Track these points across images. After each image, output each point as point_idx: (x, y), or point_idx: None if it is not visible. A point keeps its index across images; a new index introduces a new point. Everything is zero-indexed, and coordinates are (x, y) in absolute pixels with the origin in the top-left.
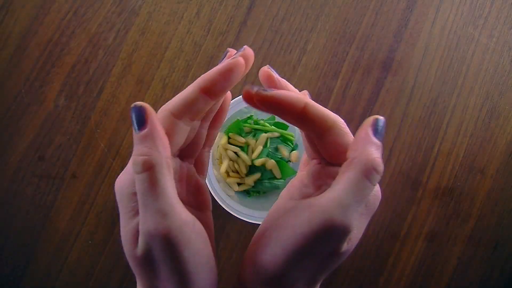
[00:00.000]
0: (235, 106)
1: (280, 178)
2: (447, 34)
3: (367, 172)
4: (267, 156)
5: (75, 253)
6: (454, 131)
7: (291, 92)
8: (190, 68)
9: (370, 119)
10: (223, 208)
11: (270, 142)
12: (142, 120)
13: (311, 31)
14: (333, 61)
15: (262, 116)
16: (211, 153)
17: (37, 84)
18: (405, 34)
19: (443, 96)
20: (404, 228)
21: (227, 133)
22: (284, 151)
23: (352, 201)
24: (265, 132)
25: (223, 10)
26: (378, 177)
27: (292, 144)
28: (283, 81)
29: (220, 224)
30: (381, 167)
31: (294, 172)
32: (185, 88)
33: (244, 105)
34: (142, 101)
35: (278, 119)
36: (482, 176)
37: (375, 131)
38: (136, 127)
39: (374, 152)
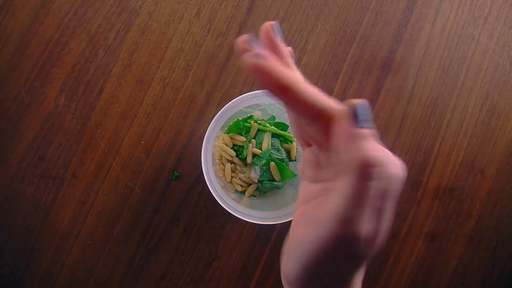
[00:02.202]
0: (235, 106)
1: (280, 181)
2: (447, 34)
3: (360, 174)
4: (269, 157)
5: (75, 253)
6: (454, 131)
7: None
8: (190, 68)
9: (346, 109)
10: (224, 208)
11: (270, 143)
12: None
13: (311, 31)
14: (333, 61)
15: (262, 116)
16: (211, 153)
17: (37, 84)
18: (405, 34)
19: (443, 96)
20: (404, 228)
21: (227, 133)
22: (288, 148)
23: (353, 210)
24: (266, 132)
25: (223, 10)
26: (377, 170)
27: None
28: (285, 50)
29: (221, 224)
30: (377, 157)
31: (294, 175)
32: (185, 88)
33: (244, 105)
34: (142, 101)
35: (278, 119)
36: (482, 176)
37: (357, 120)
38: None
39: (361, 147)
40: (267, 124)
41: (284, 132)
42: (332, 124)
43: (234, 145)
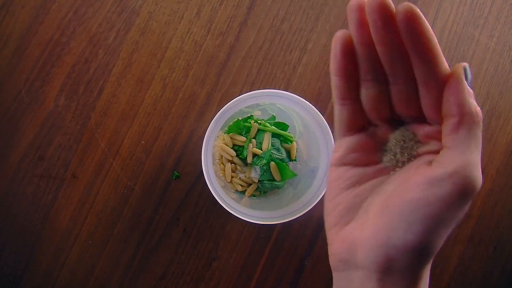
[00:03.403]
0: (236, 106)
1: (280, 181)
2: (447, 34)
3: (476, 126)
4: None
5: (75, 253)
6: None
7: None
8: (190, 68)
9: (459, 69)
10: (224, 208)
11: (270, 143)
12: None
13: (311, 31)
14: None
15: (262, 116)
16: (211, 153)
17: (37, 84)
18: None
19: None
20: None
21: (228, 132)
22: (288, 147)
23: (478, 158)
24: (266, 132)
25: (223, 10)
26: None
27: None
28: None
29: (221, 223)
30: (481, 116)
31: (294, 175)
32: (185, 88)
33: (244, 105)
34: (142, 100)
35: (278, 119)
36: (482, 176)
37: (467, 80)
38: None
39: (473, 103)
40: (267, 124)
41: (284, 132)
42: (446, 79)
43: (234, 145)
